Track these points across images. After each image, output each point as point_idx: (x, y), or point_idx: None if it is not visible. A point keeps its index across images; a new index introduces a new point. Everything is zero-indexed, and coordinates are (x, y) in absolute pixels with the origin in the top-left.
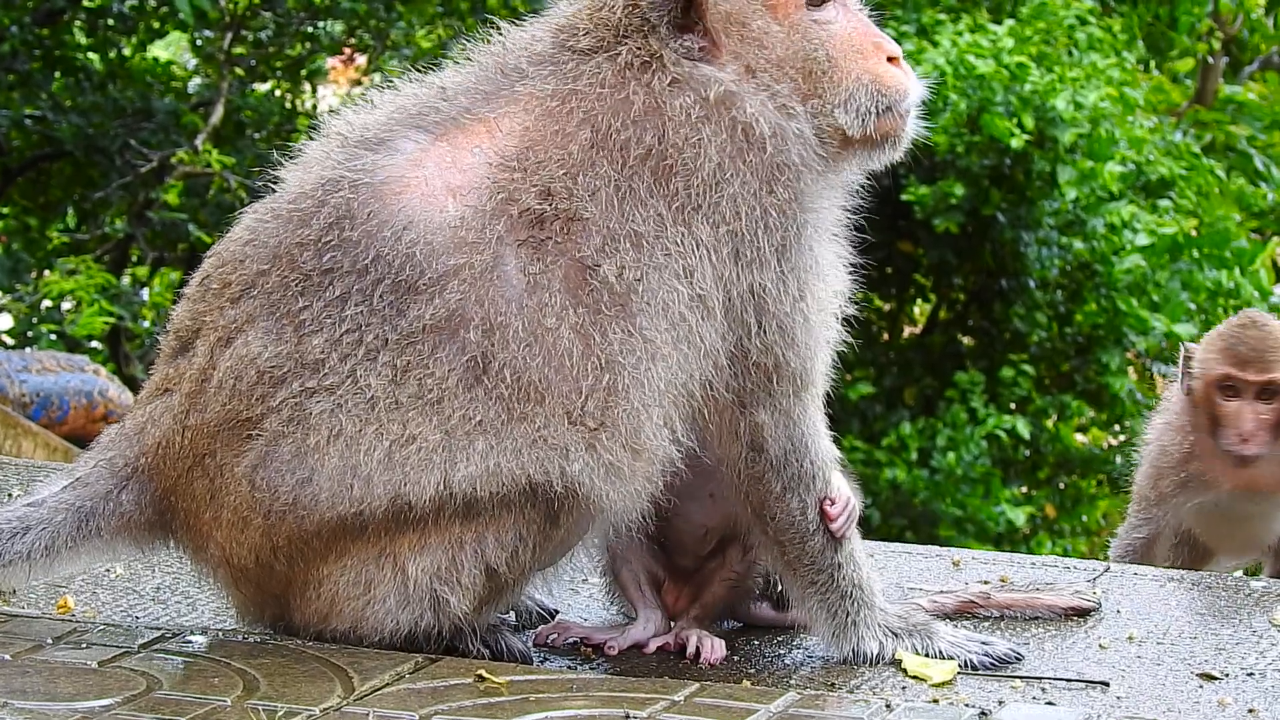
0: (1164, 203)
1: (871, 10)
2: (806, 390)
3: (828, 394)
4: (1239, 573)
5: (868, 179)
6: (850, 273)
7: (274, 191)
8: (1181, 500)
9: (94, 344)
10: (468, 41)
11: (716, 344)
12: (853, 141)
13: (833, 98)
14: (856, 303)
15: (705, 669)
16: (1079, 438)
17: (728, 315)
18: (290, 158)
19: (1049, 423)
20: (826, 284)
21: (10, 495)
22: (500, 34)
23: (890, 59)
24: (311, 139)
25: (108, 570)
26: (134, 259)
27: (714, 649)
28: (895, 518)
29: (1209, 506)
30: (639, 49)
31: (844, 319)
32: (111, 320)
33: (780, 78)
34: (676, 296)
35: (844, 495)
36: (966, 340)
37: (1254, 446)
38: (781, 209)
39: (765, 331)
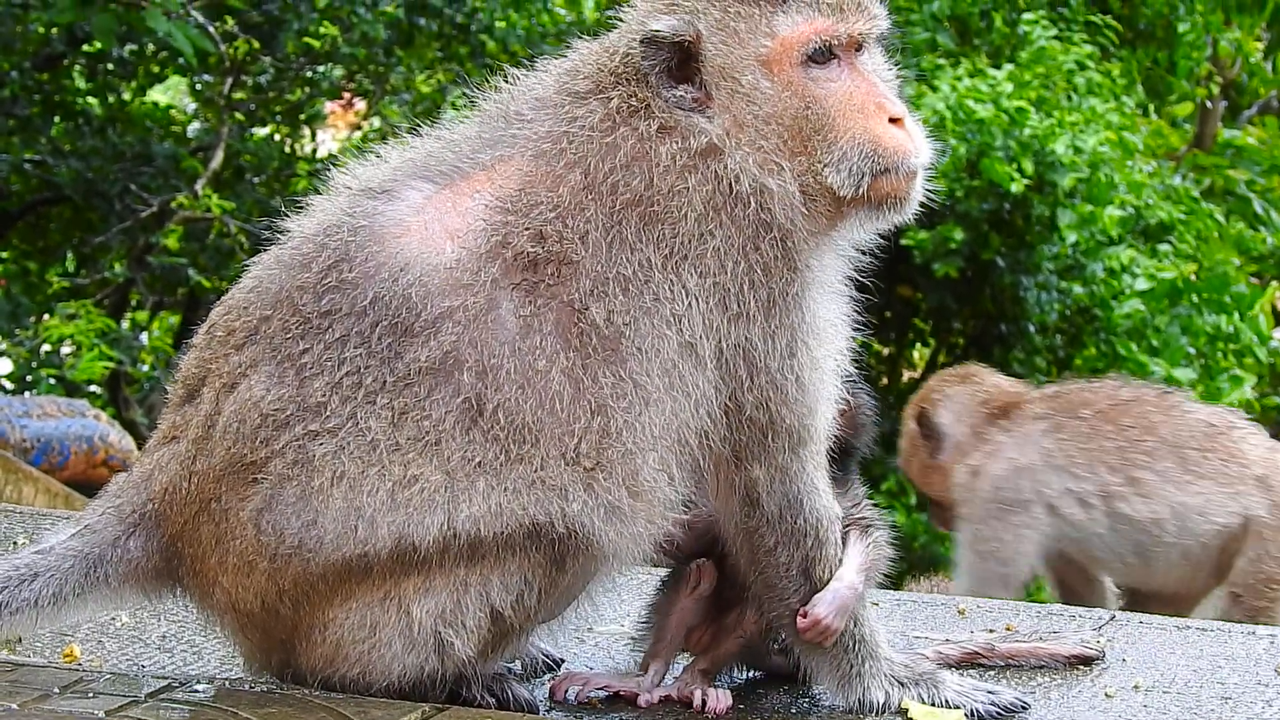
0: (1163, 247)
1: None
2: (804, 447)
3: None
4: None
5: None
6: (854, 326)
7: (278, 239)
8: None
9: (93, 388)
10: (469, 88)
11: (710, 394)
12: (846, 202)
13: (824, 157)
14: (856, 347)
15: (711, 719)
16: None
17: (719, 367)
18: (293, 205)
19: None
20: (822, 342)
21: (15, 544)
22: (508, 80)
23: (894, 120)
24: (313, 185)
25: (113, 619)
26: (134, 303)
27: (719, 699)
28: (895, 562)
29: None
30: (630, 95)
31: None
32: (111, 365)
33: (767, 134)
34: (666, 343)
35: (821, 607)
36: None
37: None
38: (767, 266)
39: (757, 386)
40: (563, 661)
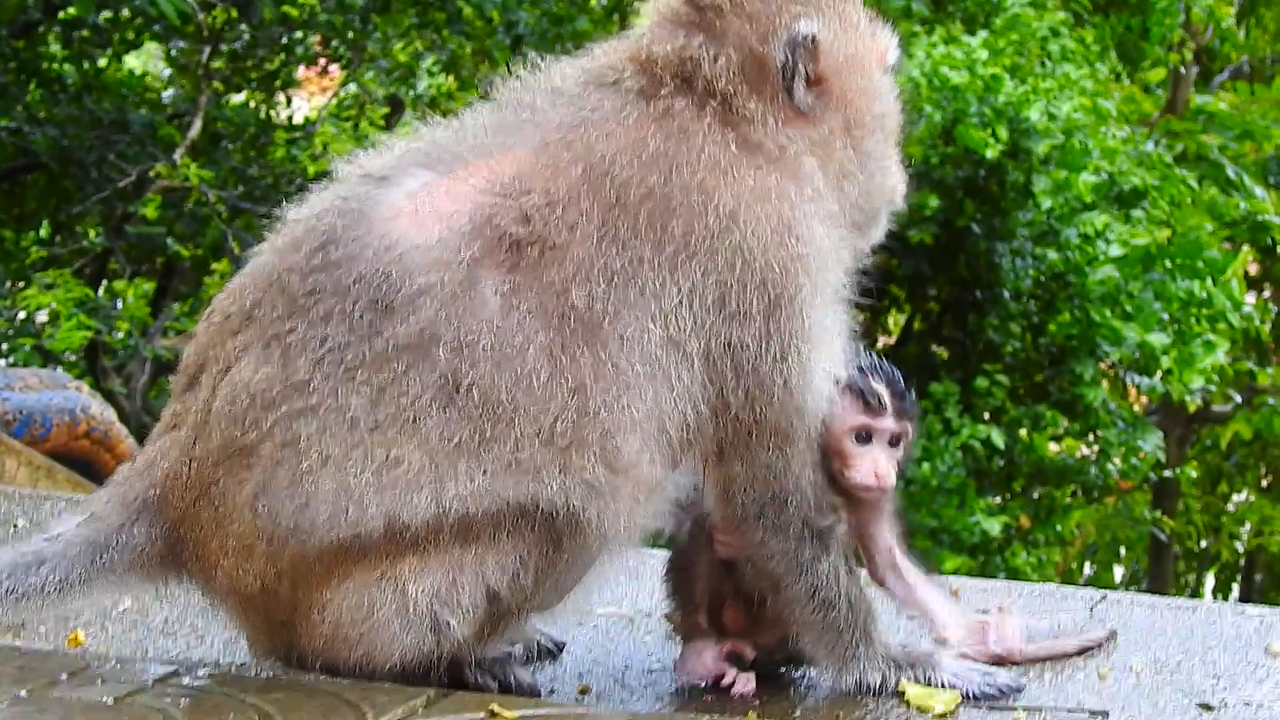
0: (1137, 213)
1: None
2: (790, 445)
3: None
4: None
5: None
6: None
7: (276, 226)
8: None
9: (69, 356)
10: (443, 53)
11: (695, 390)
12: (872, 211)
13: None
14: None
15: (710, 699)
16: (1052, 448)
17: (706, 364)
18: (270, 172)
19: (1023, 433)
20: (815, 347)
21: (15, 526)
22: (522, 73)
23: None
24: (290, 152)
25: (116, 603)
26: (112, 271)
27: (747, 683)
28: None
29: None
30: (689, 101)
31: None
32: (90, 334)
33: (868, 136)
34: (649, 336)
35: None
36: (941, 351)
37: None
38: (785, 266)
39: (743, 387)
40: (564, 645)
